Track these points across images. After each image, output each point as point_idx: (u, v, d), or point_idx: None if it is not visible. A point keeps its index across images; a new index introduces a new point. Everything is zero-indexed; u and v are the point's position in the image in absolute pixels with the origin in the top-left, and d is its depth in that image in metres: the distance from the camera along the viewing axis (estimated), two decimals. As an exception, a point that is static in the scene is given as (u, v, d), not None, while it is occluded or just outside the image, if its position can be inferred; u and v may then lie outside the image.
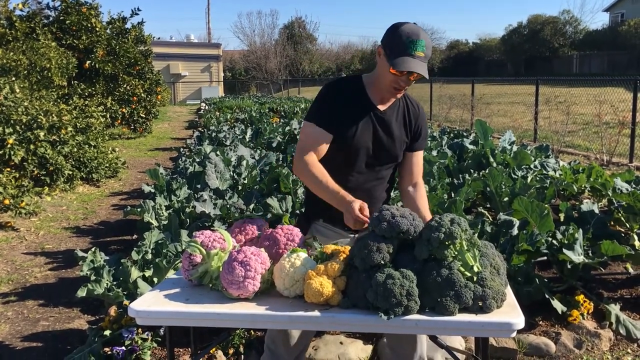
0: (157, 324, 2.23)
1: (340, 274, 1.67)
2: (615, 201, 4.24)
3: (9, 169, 6.04)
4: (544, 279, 3.27)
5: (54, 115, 6.81)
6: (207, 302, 1.72)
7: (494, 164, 5.60)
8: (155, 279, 3.25)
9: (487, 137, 6.35)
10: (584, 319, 3.13)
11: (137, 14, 11.92)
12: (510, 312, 1.58)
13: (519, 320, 1.54)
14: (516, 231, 3.49)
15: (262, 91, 36.03)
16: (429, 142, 6.92)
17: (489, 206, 4.95)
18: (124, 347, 2.75)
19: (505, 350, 2.89)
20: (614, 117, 8.93)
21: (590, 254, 3.25)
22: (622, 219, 4.12)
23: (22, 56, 8.11)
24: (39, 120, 6.47)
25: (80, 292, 3.10)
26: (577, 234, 3.25)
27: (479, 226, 3.57)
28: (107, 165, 7.97)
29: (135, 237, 5.07)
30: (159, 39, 16.92)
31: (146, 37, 12.80)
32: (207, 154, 6.66)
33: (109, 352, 2.77)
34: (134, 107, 12.08)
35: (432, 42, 2.07)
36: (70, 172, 6.92)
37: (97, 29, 11.04)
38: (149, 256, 3.48)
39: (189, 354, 2.80)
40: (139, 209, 4.55)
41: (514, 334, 1.57)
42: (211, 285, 1.82)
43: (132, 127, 12.65)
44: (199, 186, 5.40)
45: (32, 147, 6.36)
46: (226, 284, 1.71)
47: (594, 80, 11.83)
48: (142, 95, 12.28)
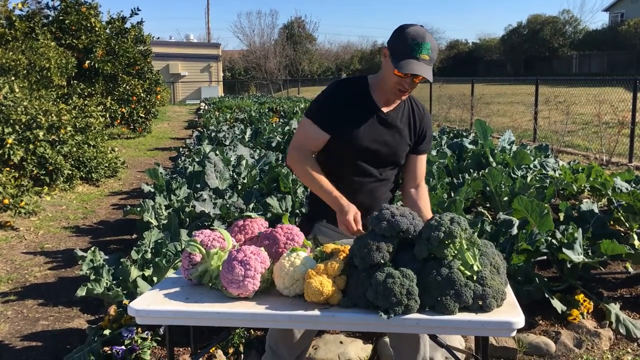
0: (156, 323, 2.24)
1: (340, 273, 1.67)
2: (614, 201, 4.24)
3: (8, 169, 6.04)
4: (543, 278, 3.27)
5: (53, 115, 6.80)
6: (206, 301, 1.71)
7: (494, 164, 5.60)
8: (154, 279, 3.25)
9: (487, 137, 6.35)
10: (583, 318, 3.13)
11: (136, 14, 11.92)
12: (510, 311, 1.58)
13: (519, 319, 1.54)
14: (516, 230, 3.49)
15: (262, 91, 36.02)
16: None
17: (488, 206, 4.95)
18: (123, 347, 2.75)
19: (505, 349, 2.89)
20: (613, 116, 8.93)
21: (590, 254, 3.25)
22: (622, 218, 4.12)
23: (21, 56, 8.11)
24: (38, 119, 6.47)
25: (79, 292, 3.10)
26: (577, 234, 3.25)
27: (479, 225, 3.57)
28: (107, 164, 7.96)
29: (134, 236, 5.07)
30: (158, 38, 16.92)
31: (145, 36, 12.80)
32: (206, 154, 6.66)
33: (109, 352, 2.77)
34: (133, 106, 12.08)
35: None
36: (69, 172, 6.91)
37: (97, 29, 11.04)
38: (149, 255, 3.48)
39: (189, 354, 2.79)
40: (138, 209, 4.55)
41: (513, 333, 1.57)
42: (211, 284, 1.82)
43: (132, 126, 12.65)
44: (198, 186, 5.40)
45: (31, 146, 6.36)
46: (226, 283, 1.71)
47: (594, 80, 11.82)
48: (142, 95, 12.27)
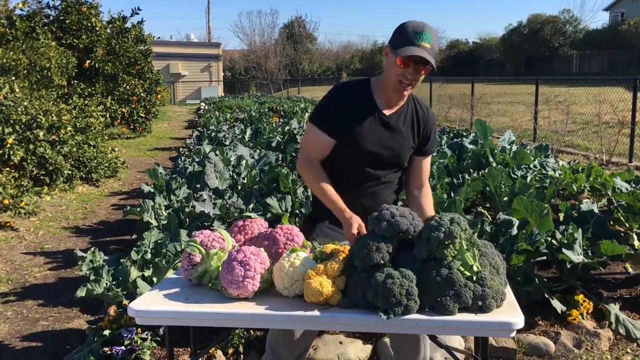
0: (156, 323, 2.24)
1: (339, 273, 1.67)
2: (614, 201, 4.24)
3: (8, 169, 6.04)
4: (543, 278, 3.27)
5: (53, 115, 6.81)
6: (206, 301, 1.71)
7: (494, 164, 5.60)
8: (154, 279, 3.25)
9: (487, 137, 6.35)
10: (583, 318, 3.13)
11: (137, 14, 11.92)
12: (509, 312, 1.58)
13: (518, 319, 1.53)
14: (516, 231, 3.48)
15: (262, 91, 36.01)
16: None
17: (488, 206, 4.95)
18: (123, 347, 2.75)
19: (504, 349, 2.89)
20: (613, 116, 8.93)
21: (589, 254, 3.25)
22: (622, 218, 4.11)
23: (22, 56, 8.11)
24: (38, 119, 6.47)
25: (79, 292, 3.11)
26: (577, 234, 3.25)
27: (479, 226, 3.56)
28: (107, 165, 7.96)
29: (134, 236, 5.07)
30: (158, 38, 16.95)
31: (146, 36, 12.80)
32: (206, 154, 6.66)
33: (109, 352, 2.77)
34: (133, 106, 12.08)
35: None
36: (69, 172, 6.91)
37: (97, 29, 11.04)
38: (149, 256, 3.48)
39: (189, 354, 2.80)
40: (138, 209, 4.55)
41: (513, 334, 1.57)
42: (210, 285, 1.82)
43: (132, 126, 12.65)
44: (198, 186, 5.40)
45: (31, 146, 6.36)
46: (226, 284, 1.71)
47: (594, 79, 11.80)
48: (142, 94, 12.27)
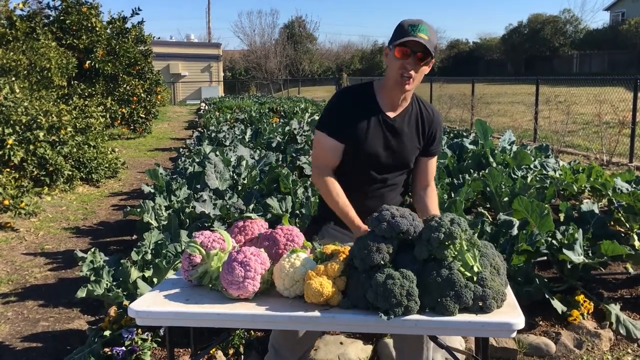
0: (157, 324, 2.23)
1: (340, 274, 1.67)
2: (615, 201, 4.24)
3: (8, 170, 6.04)
4: (544, 279, 3.27)
5: (53, 115, 6.81)
6: (207, 302, 1.71)
7: (494, 164, 5.59)
8: (155, 280, 3.25)
9: (487, 137, 6.34)
10: (584, 319, 3.13)
11: (137, 14, 11.93)
12: (510, 312, 1.58)
13: (519, 320, 1.53)
14: (516, 231, 3.48)
15: (262, 91, 36.02)
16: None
17: (488, 206, 4.95)
18: (123, 348, 2.75)
19: (505, 350, 2.89)
20: (614, 116, 8.92)
21: (590, 254, 3.25)
22: (622, 219, 4.11)
23: (22, 56, 8.11)
24: (38, 120, 6.47)
25: (80, 293, 3.10)
26: (577, 234, 3.25)
27: (479, 226, 3.56)
28: (107, 165, 7.96)
29: (134, 237, 5.07)
30: (159, 38, 16.94)
31: (146, 37, 12.80)
32: (206, 154, 6.66)
33: (109, 353, 2.77)
34: (133, 107, 12.08)
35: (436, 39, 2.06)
36: (69, 173, 6.91)
37: (97, 29, 11.04)
38: (149, 256, 3.48)
39: (189, 354, 2.79)
40: (138, 210, 4.55)
41: (514, 334, 1.57)
42: (211, 285, 1.82)
43: (132, 127, 12.65)
44: (198, 186, 5.39)
45: (31, 147, 6.36)
46: (226, 284, 1.71)
47: (594, 79, 11.81)
48: (142, 95, 12.27)
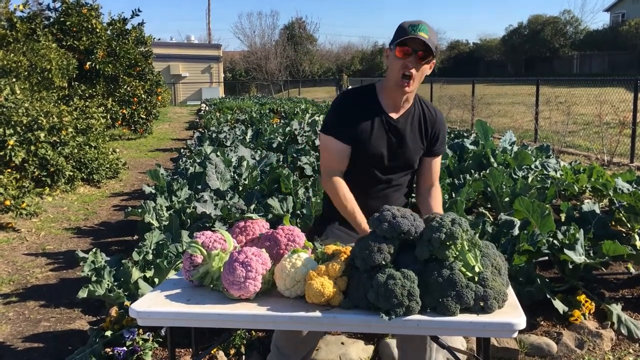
0: (158, 324, 2.23)
1: (341, 274, 1.67)
2: (616, 201, 4.23)
3: (9, 170, 6.04)
4: (545, 279, 3.27)
5: (54, 116, 6.81)
6: (208, 302, 1.71)
7: (495, 164, 5.59)
8: (156, 280, 3.25)
9: (488, 138, 6.34)
10: (585, 319, 3.13)
11: (137, 15, 11.95)
12: (511, 312, 1.58)
13: (520, 320, 1.53)
14: (517, 231, 3.48)
15: (263, 92, 36.03)
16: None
17: (489, 206, 4.95)
18: (125, 348, 2.75)
19: (506, 350, 2.88)
20: (614, 117, 8.92)
21: (591, 254, 3.25)
22: (624, 219, 4.11)
23: (22, 57, 8.11)
24: (39, 121, 6.47)
25: (81, 293, 3.11)
26: (578, 234, 3.24)
27: (480, 226, 3.56)
28: (108, 166, 7.97)
29: (136, 237, 5.07)
30: (159, 40, 16.92)
31: (146, 38, 12.80)
32: (207, 155, 6.66)
33: (110, 353, 2.77)
34: (134, 108, 12.09)
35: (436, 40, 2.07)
36: (70, 173, 6.92)
37: (98, 30, 11.04)
38: (150, 257, 3.48)
39: (190, 355, 2.79)
40: (139, 210, 4.55)
41: (515, 334, 1.57)
42: (212, 285, 1.82)
43: (133, 128, 12.65)
44: (199, 187, 5.39)
45: (32, 148, 6.36)
46: (227, 285, 1.71)
47: (595, 80, 11.80)
48: (143, 96, 12.28)
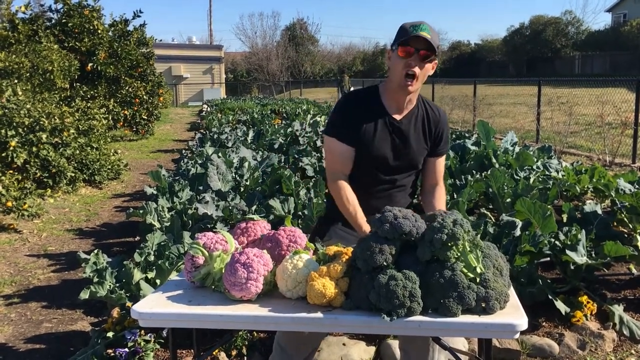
0: (159, 325, 2.23)
1: (342, 275, 1.67)
2: (618, 202, 4.23)
3: (11, 171, 6.05)
4: (547, 279, 3.26)
5: (56, 117, 6.82)
6: (209, 303, 1.71)
7: (497, 165, 5.59)
8: (157, 281, 3.25)
9: (490, 138, 6.33)
10: (587, 319, 3.12)
11: (139, 16, 11.94)
12: (513, 313, 1.58)
13: (522, 321, 1.53)
14: (519, 232, 3.48)
15: (264, 93, 36.04)
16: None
17: (491, 207, 4.94)
18: (126, 349, 2.75)
19: (508, 351, 2.88)
20: (616, 117, 8.91)
21: (593, 255, 3.24)
22: (625, 219, 4.10)
23: (24, 59, 8.13)
24: (41, 122, 6.48)
25: (83, 294, 3.11)
26: (580, 235, 3.24)
27: (482, 227, 3.56)
28: (110, 167, 7.98)
29: (137, 238, 5.07)
30: (160, 41, 16.95)
31: (148, 39, 12.82)
32: (209, 156, 6.66)
33: (112, 354, 2.77)
34: (136, 109, 12.10)
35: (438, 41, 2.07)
36: (72, 174, 6.92)
37: (99, 32, 11.06)
38: (152, 258, 3.48)
39: (192, 356, 2.79)
40: (141, 211, 4.56)
41: (517, 335, 1.56)
42: (214, 287, 1.82)
43: (134, 129, 12.66)
44: (201, 188, 5.40)
45: (34, 149, 6.37)
46: (229, 286, 1.71)
47: (596, 80, 11.79)
48: (144, 97, 12.28)
